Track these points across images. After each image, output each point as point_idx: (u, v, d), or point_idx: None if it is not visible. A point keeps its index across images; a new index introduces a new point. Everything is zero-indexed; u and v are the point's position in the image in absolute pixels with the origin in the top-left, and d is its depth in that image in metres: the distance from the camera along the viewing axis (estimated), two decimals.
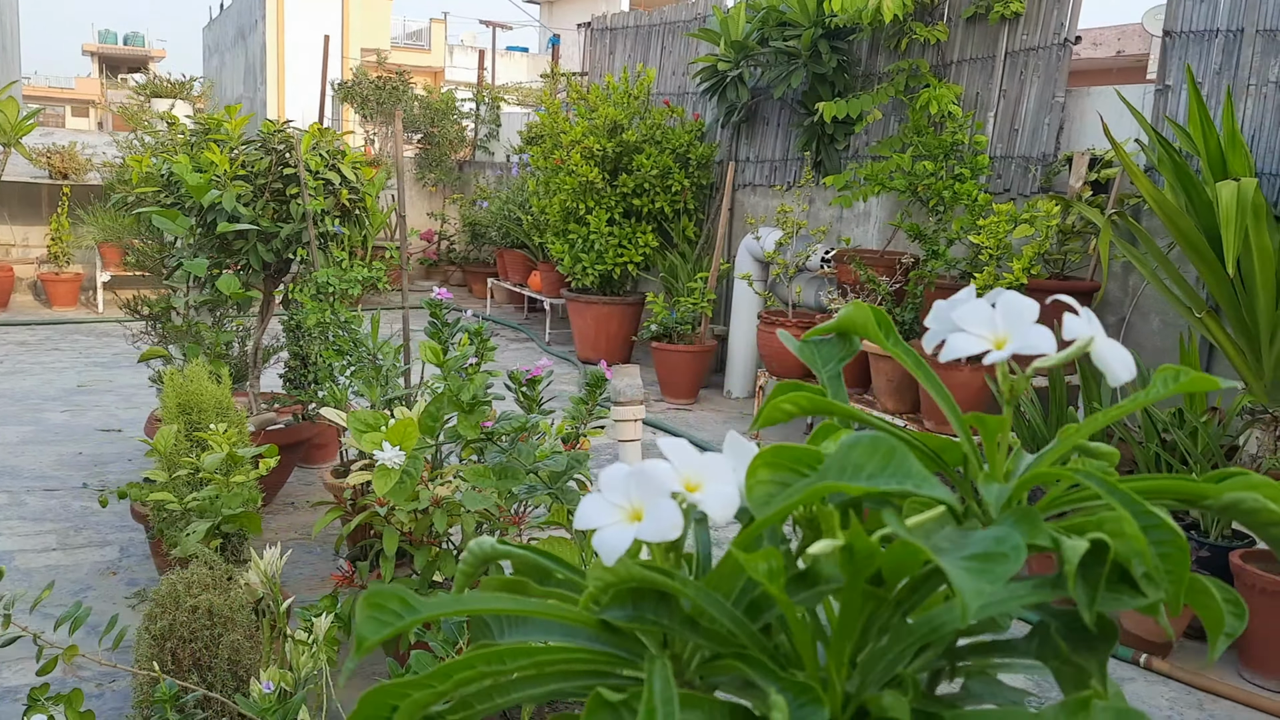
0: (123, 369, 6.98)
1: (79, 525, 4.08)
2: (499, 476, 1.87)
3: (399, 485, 1.74)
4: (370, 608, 0.68)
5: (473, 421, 1.90)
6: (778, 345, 5.65)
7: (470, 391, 1.92)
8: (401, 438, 1.77)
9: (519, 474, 1.86)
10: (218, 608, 1.85)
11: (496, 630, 0.80)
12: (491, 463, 1.90)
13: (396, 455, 1.74)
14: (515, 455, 1.90)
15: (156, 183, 3.83)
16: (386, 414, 1.86)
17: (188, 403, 2.90)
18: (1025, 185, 5.27)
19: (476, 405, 1.93)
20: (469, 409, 1.92)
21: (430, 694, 0.68)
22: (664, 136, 7.47)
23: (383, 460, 1.73)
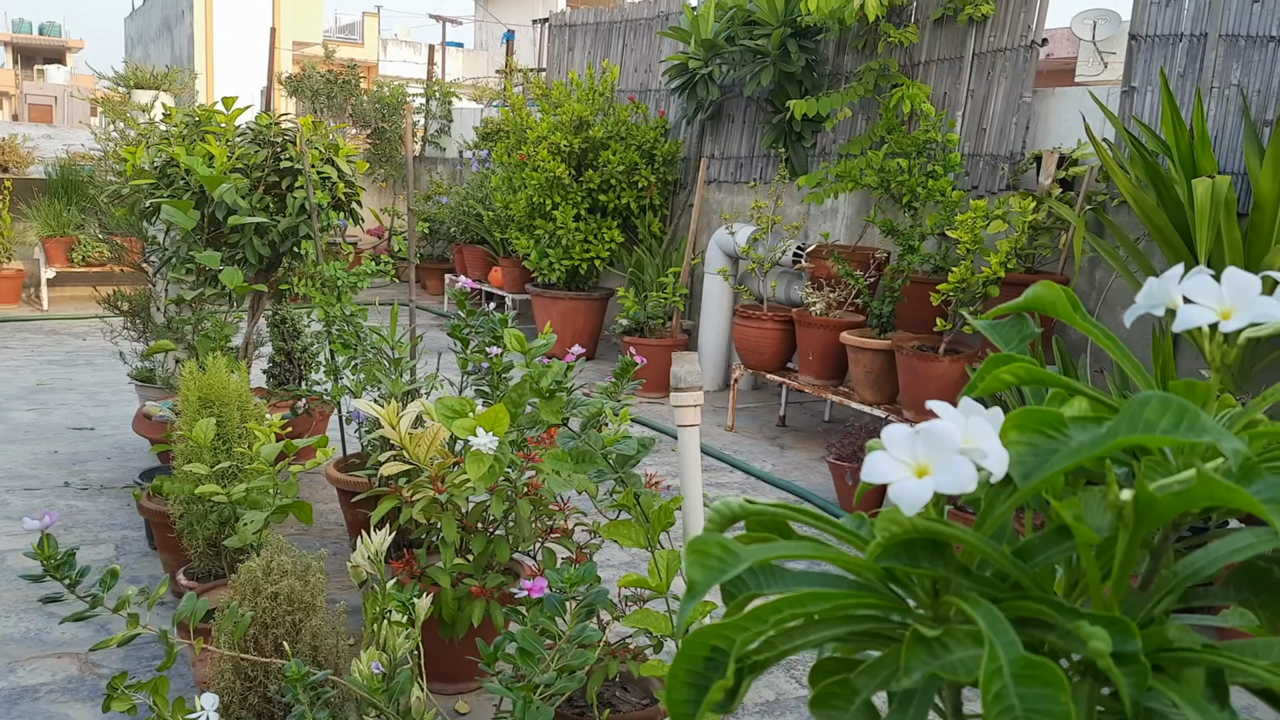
0: (79, 367, 6.83)
1: (67, 524, 4.01)
2: (576, 461, 1.91)
3: (490, 470, 1.78)
4: (695, 554, 0.74)
5: (553, 407, 1.95)
6: (753, 338, 5.75)
7: (550, 378, 1.96)
8: (493, 424, 1.80)
9: (596, 459, 1.91)
10: (298, 593, 1.87)
11: (754, 584, 0.86)
12: (566, 448, 1.94)
13: (490, 441, 1.77)
14: (588, 440, 1.95)
15: (151, 175, 3.77)
16: (473, 400, 1.89)
17: (209, 396, 2.88)
18: (993, 182, 5.44)
19: (555, 392, 1.97)
20: (549, 395, 1.97)
21: (750, 634, 0.74)
22: (629, 133, 7.53)
23: (477, 446, 1.76)
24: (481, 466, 1.77)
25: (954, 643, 0.71)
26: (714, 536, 0.75)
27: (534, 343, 2.04)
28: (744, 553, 0.75)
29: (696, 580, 0.73)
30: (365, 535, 1.87)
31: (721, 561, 0.74)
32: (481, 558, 2.21)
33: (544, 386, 1.96)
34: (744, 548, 0.75)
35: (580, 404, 2.02)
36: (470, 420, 1.81)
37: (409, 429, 2.73)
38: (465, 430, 1.79)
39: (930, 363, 4.64)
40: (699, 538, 0.75)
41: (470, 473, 1.76)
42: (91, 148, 5.03)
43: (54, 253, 9.00)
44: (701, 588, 0.73)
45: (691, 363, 2.07)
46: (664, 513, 1.96)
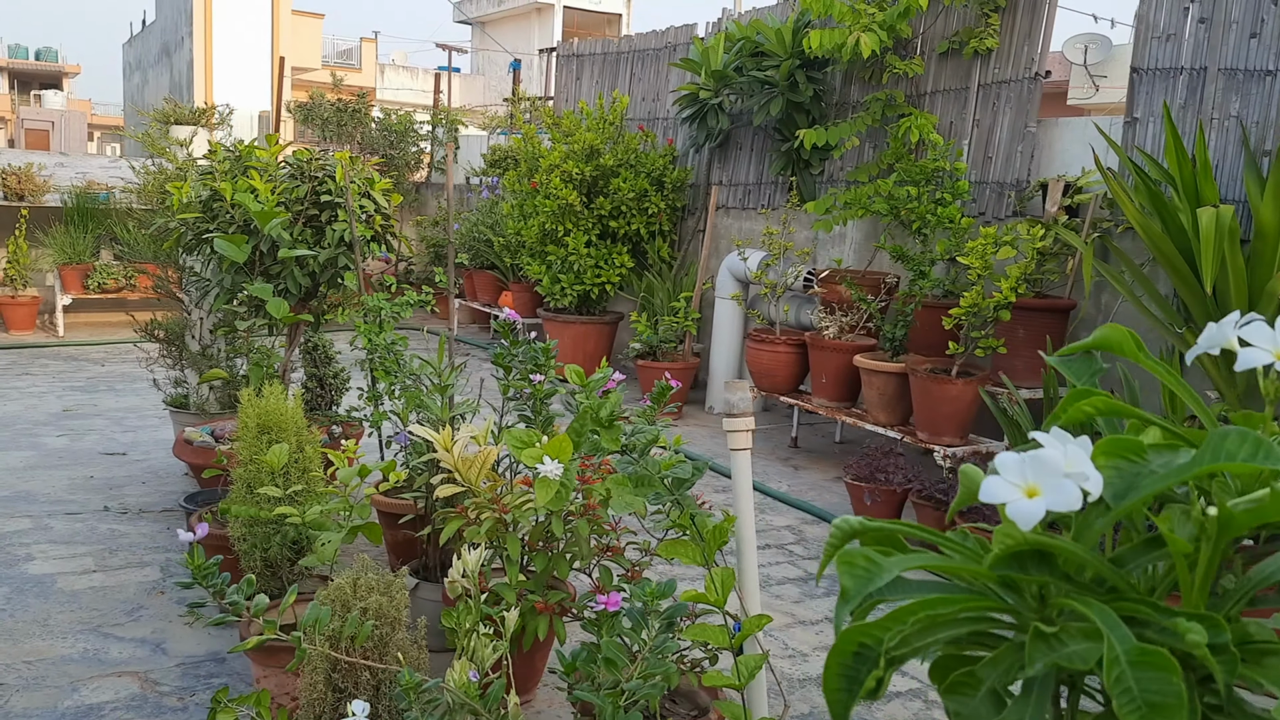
0: (102, 393, 6.94)
1: (112, 547, 4.12)
2: (635, 485, 2.04)
3: (557, 495, 1.91)
4: (844, 565, 0.87)
5: (613, 436, 2.08)
6: (767, 361, 5.90)
7: (608, 409, 2.10)
8: (559, 452, 1.93)
9: (656, 483, 2.04)
10: (386, 609, 1.99)
11: (881, 591, 0.99)
12: (625, 473, 2.07)
13: (556, 468, 1.90)
14: (646, 465, 2.08)
15: (196, 209, 3.91)
16: (535, 432, 2.02)
17: (267, 423, 3.01)
18: (1000, 209, 5.61)
19: (614, 421, 2.10)
20: (608, 424, 2.10)
21: (893, 633, 0.87)
22: (638, 160, 7.70)
23: (544, 473, 1.89)
24: (549, 492, 1.89)
25: (1068, 638, 0.85)
26: (860, 549, 0.89)
27: (595, 377, 2.17)
28: (886, 563, 0.88)
29: (848, 587, 0.87)
30: (463, 554, 2.00)
31: (868, 571, 0.87)
32: (543, 575, 2.33)
33: (604, 416, 2.10)
34: (885, 559, 0.88)
35: (639, 432, 2.15)
36: (538, 449, 1.94)
37: (462, 453, 2.86)
38: (534, 459, 1.92)
39: (944, 385, 4.79)
40: (848, 551, 0.89)
41: (539, 497, 1.89)
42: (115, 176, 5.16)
43: (70, 280, 9.12)
44: (853, 594, 0.87)
45: (743, 389, 2.21)
46: (719, 532, 2.09)
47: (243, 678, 3.11)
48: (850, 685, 0.87)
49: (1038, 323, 4.96)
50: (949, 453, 4.77)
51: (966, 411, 4.85)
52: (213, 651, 3.28)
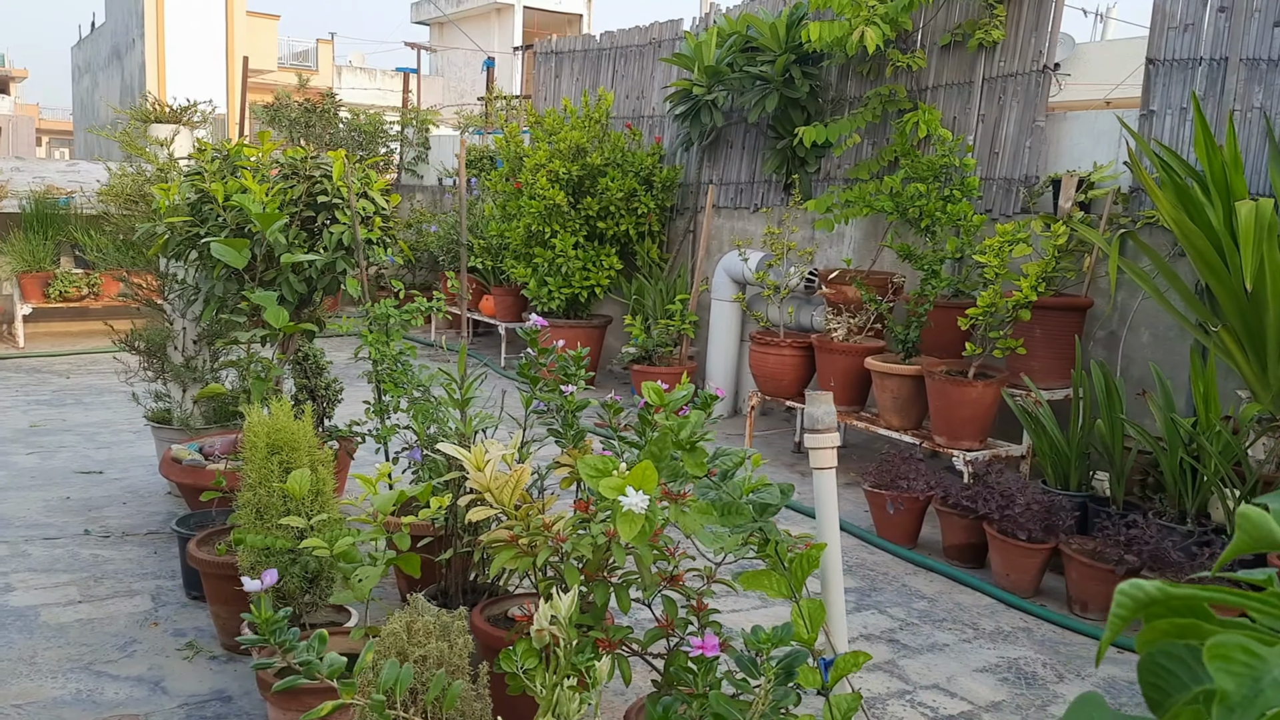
0: (69, 406, 6.62)
1: (96, 575, 3.85)
2: (721, 514, 1.85)
3: (642, 531, 1.70)
4: (1217, 659, 0.68)
5: (697, 460, 1.88)
6: (772, 365, 5.72)
7: (688, 430, 1.89)
8: (642, 482, 1.72)
9: (743, 510, 1.85)
10: (446, 657, 1.78)
11: None
12: (707, 499, 1.87)
13: (641, 500, 1.69)
14: (729, 491, 1.88)
15: (184, 212, 3.65)
16: (611, 459, 1.81)
17: (277, 442, 2.78)
18: (1008, 206, 5.48)
19: (696, 443, 1.90)
20: (690, 447, 1.89)
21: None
22: (626, 159, 7.51)
23: (628, 506, 1.68)
24: (634, 528, 1.69)
25: None
26: (1233, 638, 0.69)
27: (674, 395, 1.96)
28: (1270, 655, 0.69)
29: (1229, 691, 0.67)
30: (555, 597, 1.78)
31: (1248, 667, 0.68)
32: (602, 609, 2.13)
33: (684, 438, 1.90)
34: (1269, 649, 0.69)
35: (723, 454, 1.95)
36: (618, 479, 1.73)
37: (494, 473, 2.64)
38: (614, 490, 1.71)
39: (963, 388, 4.64)
40: (1219, 640, 0.69)
41: (622, 533, 1.68)
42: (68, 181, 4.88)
43: (30, 288, 8.74)
44: (1237, 699, 0.67)
45: (827, 403, 2.03)
46: (807, 561, 1.90)
47: (253, 719, 2.87)
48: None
49: (1055, 322, 4.83)
50: (969, 457, 4.62)
51: (986, 414, 4.70)
52: (217, 690, 3.03)
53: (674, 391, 1.97)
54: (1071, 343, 4.88)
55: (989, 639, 3.68)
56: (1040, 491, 4.12)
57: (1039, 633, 3.76)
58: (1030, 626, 3.81)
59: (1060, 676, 3.40)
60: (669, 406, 1.94)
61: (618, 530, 1.70)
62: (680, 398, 1.96)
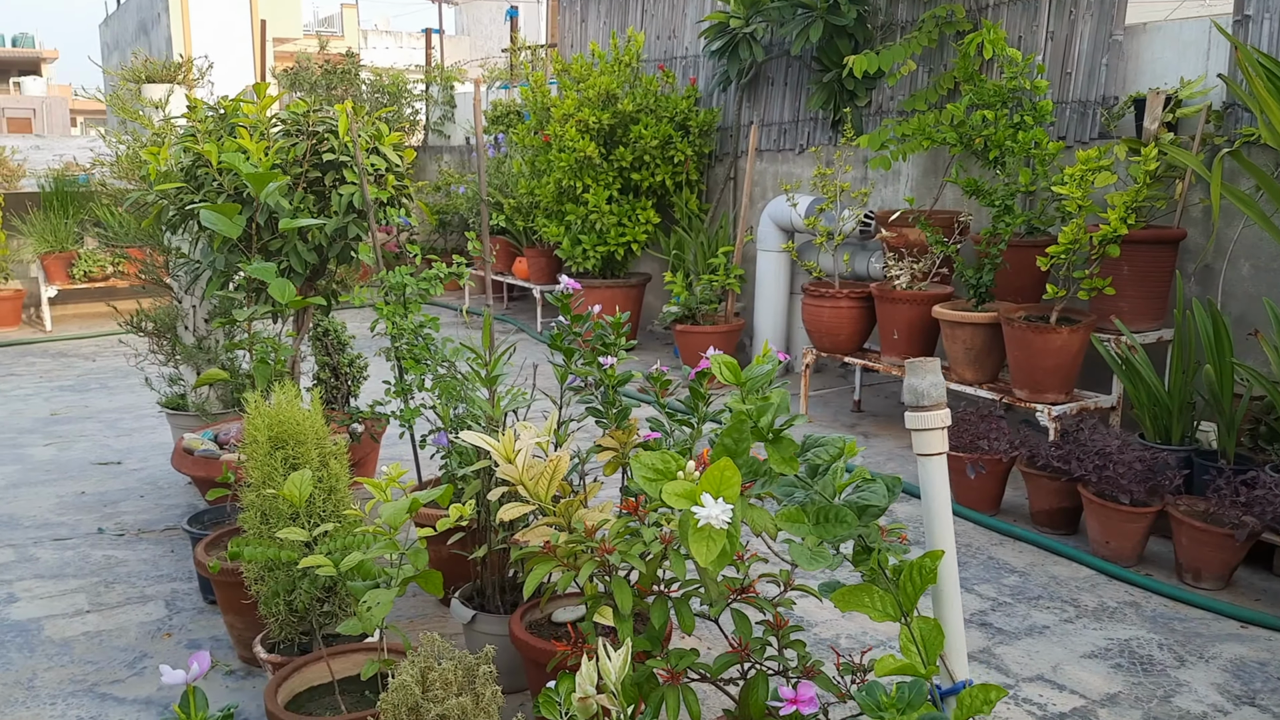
0: (94, 392, 6.36)
1: (107, 580, 3.55)
2: (816, 522, 1.46)
3: (723, 553, 1.31)
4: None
5: (785, 453, 1.48)
6: (828, 319, 5.29)
7: (771, 414, 1.50)
8: (719, 486, 1.33)
9: (844, 518, 1.45)
10: (472, 715, 1.42)
11: None
12: (793, 502, 1.48)
13: (722, 512, 1.30)
14: (822, 491, 1.49)
15: (177, 178, 3.29)
16: (675, 455, 1.43)
17: (281, 435, 2.42)
18: (1084, 131, 4.98)
19: (782, 432, 1.50)
20: (775, 437, 1.50)
21: None
22: (659, 105, 7.05)
23: (706, 519, 1.29)
24: (714, 549, 1.30)
25: None
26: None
27: (754, 369, 1.55)
28: None
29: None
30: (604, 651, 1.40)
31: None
32: (661, 630, 1.76)
33: (765, 424, 1.50)
34: None
35: (816, 445, 1.55)
36: (687, 484, 1.34)
37: (526, 462, 2.27)
38: (684, 498, 1.32)
39: (1047, 335, 4.19)
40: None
41: (697, 555, 1.29)
42: (94, 153, 4.55)
43: (53, 270, 8.50)
44: None
45: (933, 372, 1.62)
46: (920, 575, 1.51)
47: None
48: None
49: (1144, 257, 4.35)
50: (1055, 412, 4.18)
51: (1072, 363, 4.25)
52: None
53: (754, 366, 1.55)
54: (1162, 280, 4.40)
55: (1093, 617, 3.27)
56: (1141, 447, 3.68)
57: (1148, 608, 3.34)
58: (1137, 600, 3.40)
59: (1180, 660, 2.99)
60: (749, 385, 1.53)
61: (693, 552, 1.31)
62: (763, 374, 1.55)
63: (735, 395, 2.50)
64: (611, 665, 1.38)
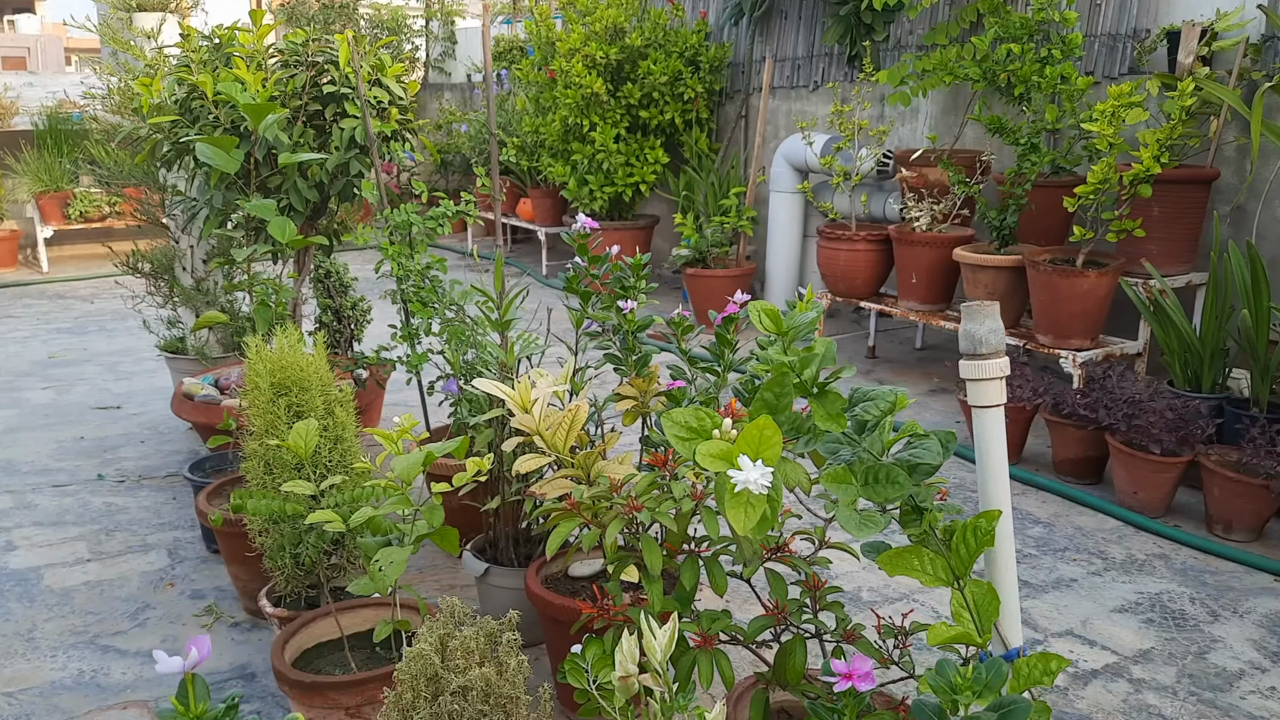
0: (92, 334, 6.24)
1: (108, 527, 3.46)
2: (864, 483, 1.34)
3: (763, 520, 1.19)
4: None
5: (832, 409, 1.35)
6: (844, 262, 5.15)
7: (815, 365, 1.37)
8: (759, 446, 1.20)
9: (897, 478, 1.33)
10: (495, 686, 1.32)
11: None
12: (839, 462, 1.36)
13: (762, 476, 1.17)
14: (870, 448, 1.37)
15: (171, 111, 3.14)
16: (709, 411, 1.30)
17: (284, 381, 2.30)
18: (1113, 66, 4.79)
19: (827, 385, 1.38)
20: (820, 391, 1.37)
21: None
22: (668, 39, 6.82)
23: (744, 484, 1.17)
24: (752, 516, 1.18)
25: None
26: None
27: (796, 317, 1.42)
28: None
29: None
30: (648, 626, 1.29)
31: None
32: (692, 592, 1.66)
33: (809, 378, 1.37)
34: None
35: (865, 398, 1.43)
36: (723, 443, 1.21)
37: (544, 413, 2.16)
38: (720, 460, 1.19)
39: (1074, 279, 4.05)
40: None
41: (735, 522, 1.18)
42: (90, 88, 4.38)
43: (49, 210, 8.33)
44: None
45: (991, 318, 1.49)
46: (975, 537, 1.39)
47: (278, 701, 2.47)
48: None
49: (1175, 198, 4.19)
50: (1080, 358, 4.06)
51: (1098, 308, 4.12)
52: (239, 664, 2.63)
53: (796, 313, 1.42)
54: (1193, 222, 4.25)
55: (1121, 570, 3.18)
56: (1171, 395, 3.57)
57: (1177, 560, 3.25)
58: (1166, 553, 3.30)
59: (1214, 615, 2.90)
60: (789, 335, 1.40)
61: (730, 519, 1.20)
62: (804, 322, 1.42)
63: (764, 340, 2.38)
64: (657, 643, 1.27)
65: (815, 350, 1.39)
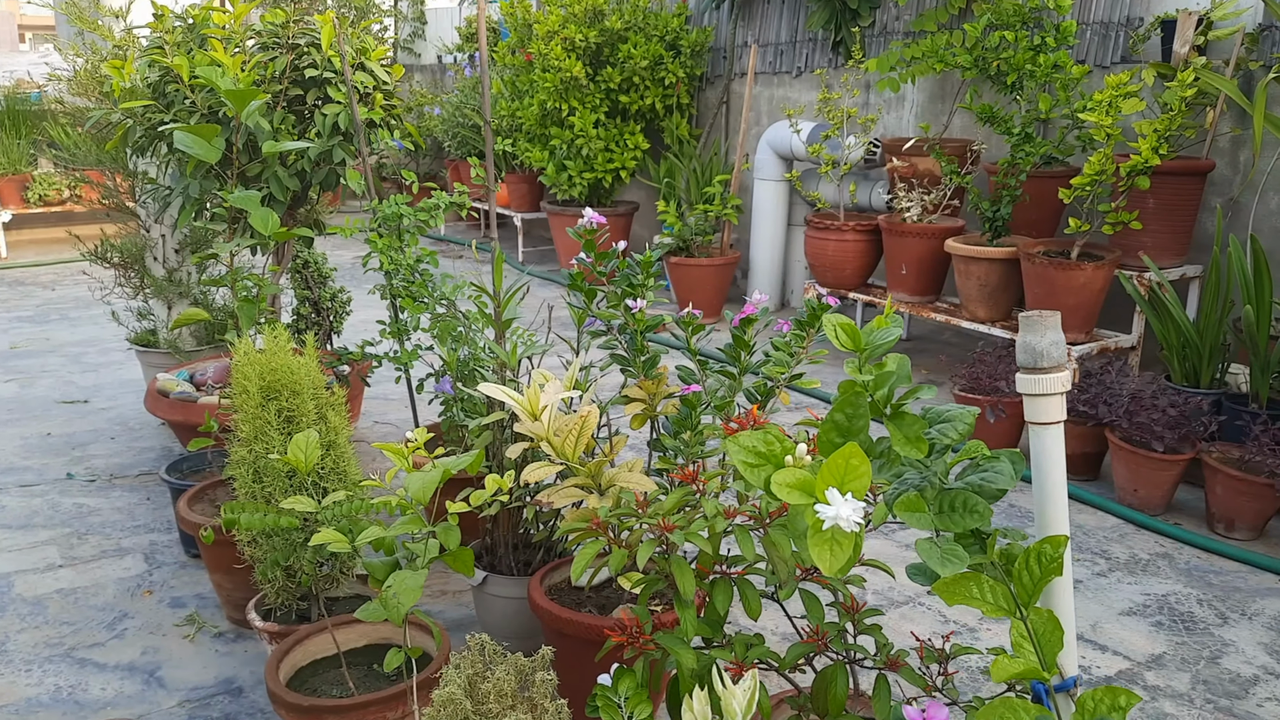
0: (54, 323, 6.03)
1: (80, 530, 3.31)
2: (939, 511, 1.24)
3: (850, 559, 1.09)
4: None
5: (911, 433, 1.25)
6: (832, 252, 5.07)
7: (889, 388, 1.26)
8: (844, 476, 1.09)
9: (975, 506, 1.23)
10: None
11: None
12: (907, 485, 1.26)
13: (854, 511, 1.06)
14: (939, 473, 1.28)
15: (145, 95, 2.98)
16: (778, 434, 1.19)
17: (275, 384, 2.18)
18: (1105, 55, 4.73)
19: (902, 406, 1.27)
20: (895, 413, 1.27)
21: None
22: (648, 22, 6.69)
23: (833, 521, 1.07)
24: (839, 555, 1.07)
25: None
26: None
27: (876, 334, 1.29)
28: None
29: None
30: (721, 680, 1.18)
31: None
32: (724, 615, 1.56)
33: (881, 398, 1.27)
34: None
35: (941, 419, 1.33)
36: (802, 473, 1.11)
37: (553, 419, 2.05)
38: (798, 491, 1.09)
39: (1070, 271, 3.99)
40: None
41: (820, 562, 1.07)
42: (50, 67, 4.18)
43: (7, 193, 8.06)
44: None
45: (1053, 328, 1.40)
46: (1041, 564, 1.31)
47: (268, 718, 2.35)
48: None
49: (1171, 190, 4.14)
50: (1076, 352, 4.01)
51: (1094, 301, 4.07)
52: (225, 678, 2.51)
53: (876, 329, 1.29)
54: (1188, 214, 4.21)
55: (1126, 570, 3.13)
56: (1173, 391, 3.52)
57: (1181, 560, 3.21)
58: (1169, 552, 3.26)
59: (1223, 617, 2.86)
60: (866, 352, 1.29)
61: (813, 558, 1.10)
62: (887, 340, 1.29)
63: (779, 341, 2.29)
64: (737, 704, 1.16)
65: (888, 368, 1.29)
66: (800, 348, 2.28)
